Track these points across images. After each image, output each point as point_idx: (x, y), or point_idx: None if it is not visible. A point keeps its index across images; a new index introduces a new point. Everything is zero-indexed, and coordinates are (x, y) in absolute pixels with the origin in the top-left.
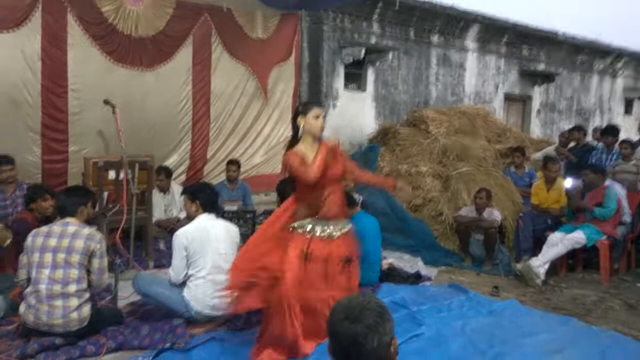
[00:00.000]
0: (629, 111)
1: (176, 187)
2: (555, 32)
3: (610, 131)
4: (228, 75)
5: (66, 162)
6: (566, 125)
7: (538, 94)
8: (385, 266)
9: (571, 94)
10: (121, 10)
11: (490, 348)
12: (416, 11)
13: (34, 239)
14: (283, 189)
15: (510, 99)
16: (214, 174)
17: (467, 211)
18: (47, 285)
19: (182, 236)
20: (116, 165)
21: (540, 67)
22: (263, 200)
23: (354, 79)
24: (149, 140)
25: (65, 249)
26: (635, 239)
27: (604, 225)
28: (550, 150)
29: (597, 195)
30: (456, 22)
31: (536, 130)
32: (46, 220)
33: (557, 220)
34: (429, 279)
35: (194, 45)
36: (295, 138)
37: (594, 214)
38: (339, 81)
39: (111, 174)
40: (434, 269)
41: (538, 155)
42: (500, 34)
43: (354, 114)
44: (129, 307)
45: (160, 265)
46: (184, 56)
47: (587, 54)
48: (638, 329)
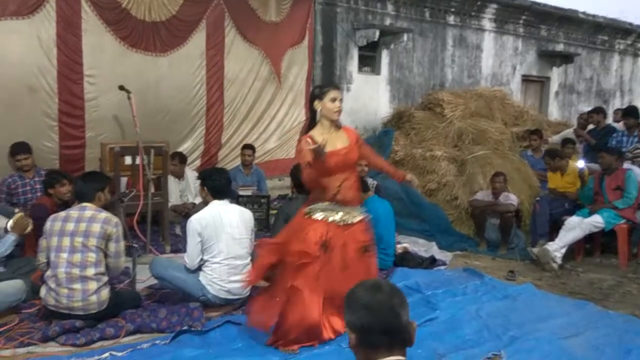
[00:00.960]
0: None
1: (190, 173)
2: (575, 11)
3: (631, 112)
4: (241, 59)
5: (83, 148)
6: (585, 107)
7: (556, 75)
8: (400, 250)
9: (591, 75)
10: None
11: (505, 332)
12: None
13: (53, 223)
14: (297, 174)
15: (528, 80)
16: (229, 159)
17: (483, 195)
18: (66, 269)
19: (196, 222)
20: (132, 151)
21: (559, 48)
22: (277, 185)
23: (368, 61)
24: (163, 125)
25: (83, 232)
26: None
27: (624, 209)
28: (568, 132)
29: (617, 179)
30: (473, 2)
31: (554, 112)
32: (64, 205)
33: (575, 204)
34: (443, 264)
35: (207, 29)
36: (312, 121)
37: (617, 206)
38: (352, 64)
39: (127, 160)
40: (448, 253)
41: (556, 138)
42: (518, 14)
43: (368, 98)
44: (147, 291)
45: (176, 250)
46: (198, 41)
47: (608, 34)
48: None
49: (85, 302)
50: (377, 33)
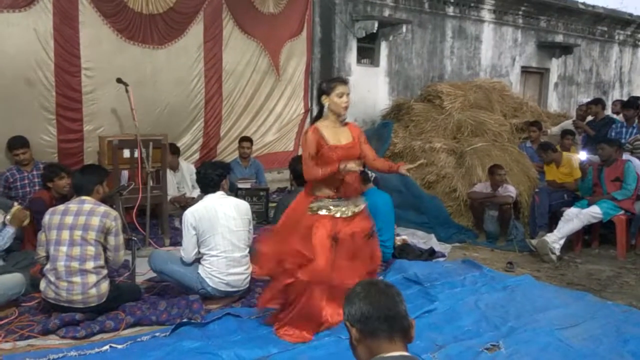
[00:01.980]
0: None
1: (185, 165)
2: (574, 2)
3: (631, 103)
4: (240, 51)
5: (81, 142)
6: (584, 99)
7: (556, 67)
8: (399, 242)
9: (590, 66)
10: None
11: (503, 323)
12: None
13: (51, 217)
14: (295, 167)
15: (527, 72)
16: (227, 152)
17: (482, 187)
18: (65, 262)
19: (190, 215)
20: (131, 144)
21: (559, 39)
22: (276, 178)
23: (367, 53)
24: (162, 118)
25: (82, 226)
26: None
27: (622, 200)
28: (567, 124)
29: (616, 171)
30: None
31: (554, 104)
32: (63, 198)
33: (574, 196)
34: (442, 255)
35: (205, 21)
36: (319, 116)
37: (616, 198)
38: (351, 56)
39: (126, 153)
40: (447, 245)
41: (555, 130)
42: (517, 5)
43: (366, 90)
44: (147, 284)
45: (176, 243)
46: (195, 33)
47: (608, 24)
48: None
49: (85, 295)
50: (376, 24)
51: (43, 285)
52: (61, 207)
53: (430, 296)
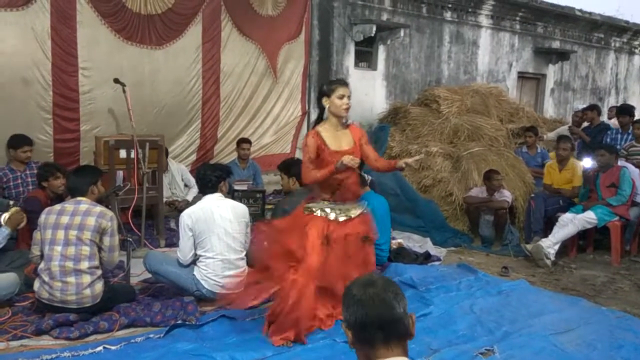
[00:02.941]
0: None
1: (176, 166)
2: (571, 9)
3: (626, 110)
4: (238, 53)
5: (78, 141)
6: (580, 105)
7: (552, 73)
8: (395, 246)
9: (586, 73)
10: None
11: (498, 328)
12: None
13: (47, 216)
14: (285, 167)
15: (523, 77)
16: (225, 154)
17: (478, 192)
18: (60, 262)
19: (187, 217)
20: (127, 144)
21: (555, 45)
22: (272, 180)
23: (365, 57)
24: (159, 119)
25: (77, 226)
26: None
27: (617, 206)
28: (563, 130)
29: (612, 177)
30: None
31: (550, 109)
32: (58, 198)
33: (569, 201)
34: (438, 259)
35: (204, 22)
36: (320, 118)
37: (611, 203)
38: (349, 59)
39: (122, 153)
40: (443, 249)
41: (551, 136)
42: (514, 10)
43: (364, 93)
44: (142, 285)
45: (171, 244)
46: (194, 34)
47: (604, 31)
48: None
49: (79, 296)
50: (374, 28)
51: (37, 285)
52: (57, 207)
53: (426, 300)
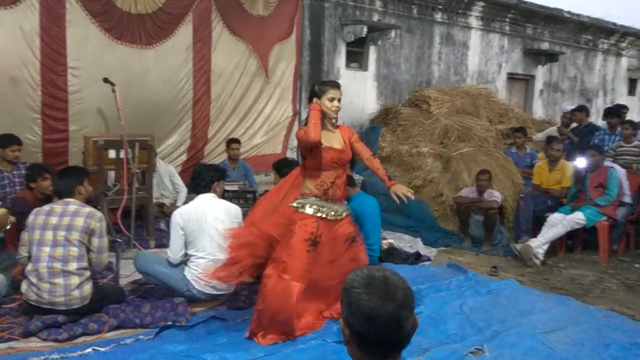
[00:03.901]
0: (632, 92)
1: (164, 167)
2: (560, 10)
3: (614, 112)
4: (229, 53)
5: (67, 142)
6: (569, 106)
7: (541, 74)
8: (385, 246)
9: (575, 74)
10: None
11: (488, 327)
12: None
13: (36, 217)
14: (279, 167)
15: (513, 78)
16: (215, 154)
17: (468, 192)
18: (48, 263)
19: (179, 216)
20: (116, 145)
21: (544, 46)
22: (263, 180)
23: (356, 57)
24: (149, 119)
25: (66, 226)
26: (635, 220)
27: (605, 206)
28: (552, 130)
29: (599, 177)
30: None
31: (539, 110)
32: (46, 199)
33: (558, 202)
34: (428, 259)
35: (194, 22)
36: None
37: (599, 204)
38: (340, 60)
39: (111, 153)
40: (433, 249)
41: (540, 136)
42: (504, 12)
43: (355, 94)
44: (131, 286)
45: (161, 245)
46: (184, 34)
47: (592, 33)
48: (635, 309)
49: (68, 297)
50: (365, 29)
51: (24, 287)
52: (46, 208)
53: (416, 300)
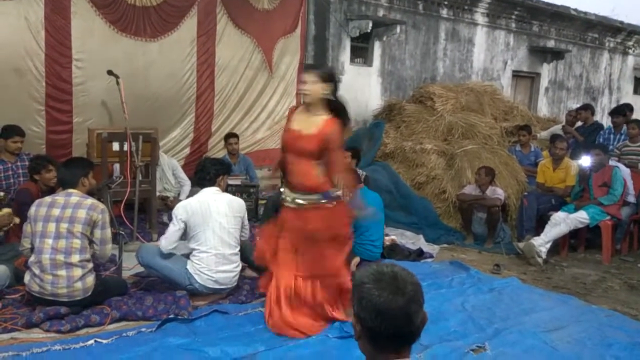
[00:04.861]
0: (638, 91)
1: (167, 160)
2: (567, 8)
3: (619, 110)
4: (233, 47)
5: (70, 133)
6: (574, 104)
7: (547, 72)
8: (388, 242)
9: (580, 72)
10: None
11: (489, 325)
12: None
13: (38, 208)
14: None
15: (518, 76)
16: (219, 148)
17: (471, 189)
18: (51, 255)
19: (182, 209)
20: (120, 137)
21: (550, 44)
22: (266, 175)
23: (361, 53)
24: (152, 112)
25: (68, 218)
26: (639, 220)
27: (609, 206)
28: (557, 129)
29: (604, 176)
30: None
31: (544, 108)
32: (50, 191)
33: (562, 200)
34: (430, 256)
35: (199, 15)
36: None
37: (602, 203)
38: (345, 55)
39: (115, 146)
40: (435, 246)
41: (544, 134)
42: (510, 9)
43: (359, 89)
44: (133, 278)
45: None
46: (189, 27)
47: (599, 31)
48: (637, 309)
49: (70, 289)
50: (370, 24)
51: (27, 278)
52: (48, 199)
53: None
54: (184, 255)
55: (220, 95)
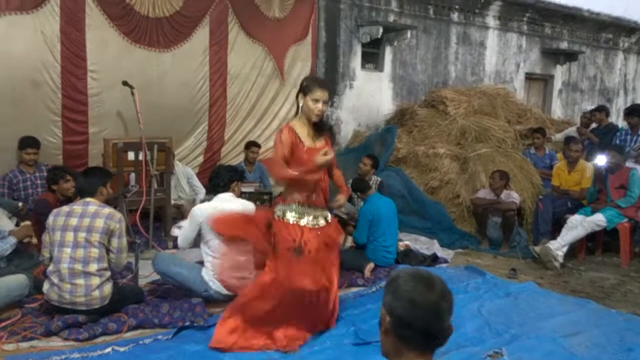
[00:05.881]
0: None
1: (182, 168)
2: (579, 9)
3: (634, 111)
4: (245, 55)
5: (86, 144)
6: (588, 106)
7: (560, 74)
8: (402, 248)
9: (594, 73)
10: None
11: (506, 330)
12: None
13: (56, 218)
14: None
15: (531, 78)
16: (232, 156)
17: (485, 193)
18: (69, 264)
19: (199, 213)
20: (135, 147)
21: (563, 46)
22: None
23: (372, 58)
24: (166, 121)
25: (86, 228)
26: None
27: (626, 208)
28: (571, 131)
29: (621, 178)
30: None
31: (557, 110)
32: (67, 201)
33: (577, 203)
34: (445, 261)
35: (211, 25)
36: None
37: (620, 205)
38: (356, 61)
39: (130, 155)
40: (450, 251)
41: (559, 137)
42: (522, 11)
43: (371, 95)
44: (150, 286)
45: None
46: (201, 36)
47: (612, 32)
48: None
49: (88, 297)
50: (381, 30)
51: (46, 287)
52: (65, 209)
53: None
54: (199, 262)
55: (232, 104)
